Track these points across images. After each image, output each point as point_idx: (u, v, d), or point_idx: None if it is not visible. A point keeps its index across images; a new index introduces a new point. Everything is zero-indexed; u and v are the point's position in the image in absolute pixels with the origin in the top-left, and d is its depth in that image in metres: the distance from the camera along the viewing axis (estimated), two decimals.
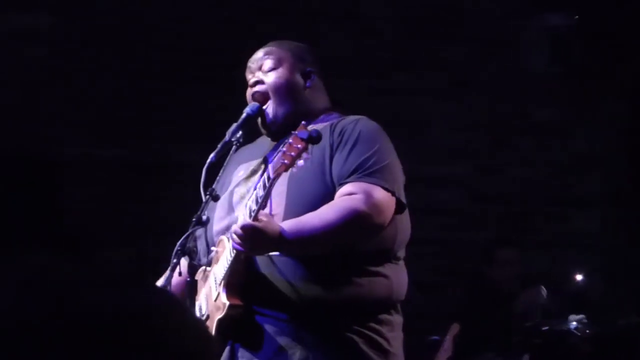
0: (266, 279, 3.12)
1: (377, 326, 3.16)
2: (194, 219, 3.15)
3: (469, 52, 6.85)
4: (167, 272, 3.14)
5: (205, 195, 3.18)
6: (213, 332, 3.13)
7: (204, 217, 3.14)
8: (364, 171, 3.14)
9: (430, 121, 6.82)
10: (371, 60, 6.84)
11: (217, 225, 3.31)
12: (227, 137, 3.31)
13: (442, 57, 6.84)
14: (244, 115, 3.36)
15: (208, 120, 6.15)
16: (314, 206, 3.08)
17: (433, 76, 6.83)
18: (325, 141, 3.17)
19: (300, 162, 2.90)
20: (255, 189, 3.13)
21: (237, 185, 3.35)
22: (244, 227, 2.95)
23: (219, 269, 3.18)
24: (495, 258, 6.07)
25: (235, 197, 3.31)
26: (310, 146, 2.90)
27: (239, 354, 3.14)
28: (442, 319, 5.98)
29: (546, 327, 5.57)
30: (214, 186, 3.27)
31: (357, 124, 3.27)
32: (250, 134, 3.41)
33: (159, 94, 6.58)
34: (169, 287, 3.14)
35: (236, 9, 6.73)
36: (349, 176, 3.13)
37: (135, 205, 6.57)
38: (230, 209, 3.30)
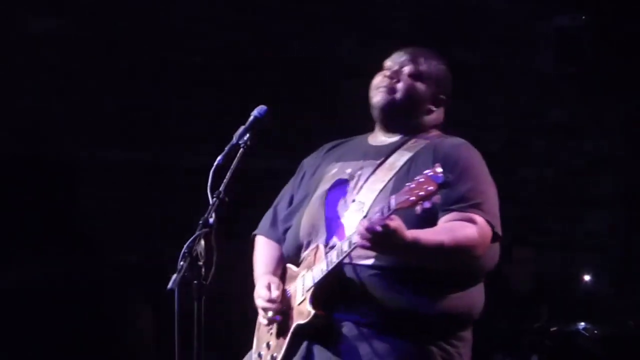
0: (356, 289, 3.19)
1: (456, 342, 3.26)
2: (200, 222, 3.15)
3: (481, 53, 6.84)
4: (175, 275, 3.14)
5: (212, 197, 3.19)
6: (288, 333, 3.27)
7: (211, 220, 3.14)
8: (469, 201, 3.20)
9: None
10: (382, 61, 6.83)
11: (306, 223, 3.38)
12: (234, 140, 3.33)
13: (454, 58, 6.81)
14: (251, 118, 3.37)
15: (219, 122, 6.18)
16: (412, 225, 3.09)
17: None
18: (427, 161, 3.24)
19: (427, 204, 2.92)
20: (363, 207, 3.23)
21: (333, 187, 3.39)
22: (382, 225, 2.98)
23: (311, 275, 3.26)
24: (511, 256, 6.07)
25: (330, 199, 3.37)
26: (440, 190, 2.93)
27: (316, 353, 3.23)
28: None
29: (555, 328, 5.56)
30: (299, 182, 3.46)
31: (461, 150, 3.34)
32: (258, 136, 3.41)
33: (170, 97, 6.61)
34: (177, 290, 3.13)
35: (247, 13, 6.75)
36: (453, 203, 3.17)
37: (147, 208, 6.60)
38: (322, 209, 3.36)
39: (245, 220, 4.48)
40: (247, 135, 3.31)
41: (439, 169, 2.92)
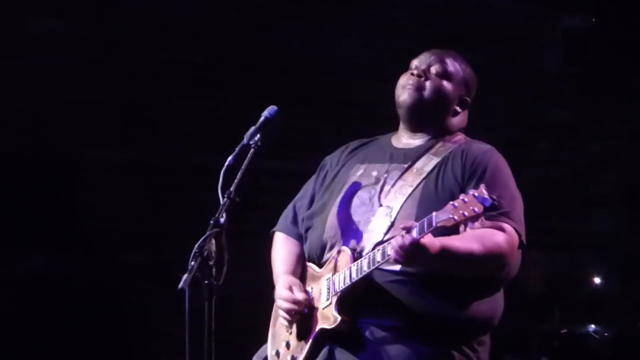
0: (381, 295, 3.20)
1: (477, 347, 3.27)
2: (211, 222, 3.16)
3: (485, 52, 6.83)
4: (186, 275, 3.14)
5: (223, 198, 3.19)
6: (311, 336, 3.27)
7: (222, 220, 3.14)
8: (499, 209, 3.15)
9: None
10: (387, 61, 6.85)
11: (331, 224, 3.37)
12: (245, 140, 3.32)
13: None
14: (262, 118, 3.37)
15: (219, 122, 6.19)
16: (441, 232, 3.07)
17: None
18: (456, 168, 3.27)
19: (472, 226, 2.91)
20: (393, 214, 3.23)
21: (359, 189, 3.39)
22: (412, 244, 2.99)
23: (337, 280, 3.25)
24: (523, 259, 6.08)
25: (356, 201, 3.36)
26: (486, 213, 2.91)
27: (337, 356, 3.24)
28: None
29: (564, 330, 5.56)
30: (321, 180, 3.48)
31: (490, 157, 3.33)
32: (268, 137, 3.41)
33: (170, 97, 6.61)
34: (187, 290, 3.14)
35: (252, 12, 6.75)
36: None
37: (154, 208, 6.60)
38: (349, 211, 3.36)
39: (244, 221, 4.49)
40: (258, 135, 3.32)
41: (485, 191, 2.89)
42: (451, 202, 2.93)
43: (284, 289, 3.38)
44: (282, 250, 3.58)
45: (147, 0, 6.62)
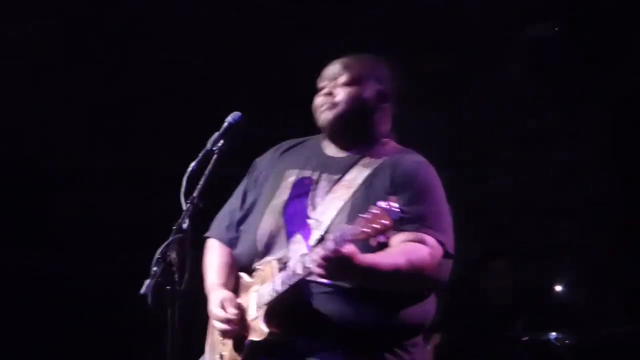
0: (310, 307, 3.18)
1: (411, 348, 3.26)
2: (174, 227, 3.16)
3: (453, 62, 6.78)
4: (148, 281, 3.15)
5: (186, 203, 3.19)
6: (243, 348, 3.26)
7: (184, 226, 3.15)
8: (423, 222, 3.18)
9: (414, 132, 6.76)
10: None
11: (263, 231, 3.36)
12: (208, 146, 3.35)
13: (427, 68, 6.76)
14: (225, 124, 3.38)
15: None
16: (364, 245, 3.05)
17: (417, 87, 6.78)
18: (385, 180, 3.25)
19: (382, 239, 2.90)
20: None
21: (291, 198, 3.37)
22: (336, 254, 2.96)
23: (264, 292, 3.23)
24: (488, 269, 6.06)
25: (288, 211, 3.36)
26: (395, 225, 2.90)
27: None
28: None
29: (526, 338, 5.53)
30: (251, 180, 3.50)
31: (418, 169, 3.32)
32: (232, 143, 3.41)
33: (156, 102, 6.60)
34: (150, 295, 3.14)
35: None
36: (407, 223, 3.13)
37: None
38: (281, 221, 3.34)
39: None
40: (221, 141, 3.32)
41: (395, 203, 2.88)
42: (361, 215, 2.91)
43: (217, 307, 3.35)
44: (215, 259, 3.56)
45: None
